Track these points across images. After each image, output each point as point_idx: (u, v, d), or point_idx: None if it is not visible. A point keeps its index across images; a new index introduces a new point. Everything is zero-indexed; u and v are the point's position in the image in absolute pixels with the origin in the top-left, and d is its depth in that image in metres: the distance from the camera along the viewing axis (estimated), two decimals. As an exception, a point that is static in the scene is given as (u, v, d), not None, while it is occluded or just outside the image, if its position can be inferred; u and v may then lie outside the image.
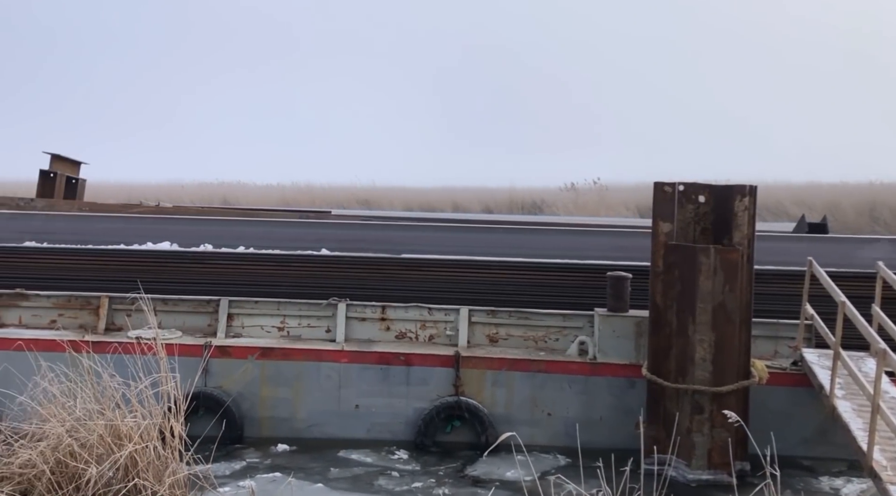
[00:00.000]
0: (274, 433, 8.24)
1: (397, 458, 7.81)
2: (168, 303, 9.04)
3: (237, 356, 8.39)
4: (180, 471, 5.02)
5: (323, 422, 8.32)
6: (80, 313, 9.06)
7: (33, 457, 5.09)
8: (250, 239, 11.33)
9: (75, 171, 17.79)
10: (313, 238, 11.94)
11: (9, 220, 12.26)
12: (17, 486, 5.05)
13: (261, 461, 7.57)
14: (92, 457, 5.06)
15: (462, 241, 12.20)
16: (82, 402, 5.51)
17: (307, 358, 8.41)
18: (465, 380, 8.30)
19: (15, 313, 9.02)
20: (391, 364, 8.37)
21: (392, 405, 8.31)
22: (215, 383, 8.24)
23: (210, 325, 9.00)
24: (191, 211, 16.46)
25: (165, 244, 11.18)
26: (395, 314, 9.03)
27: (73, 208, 14.99)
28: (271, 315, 9.05)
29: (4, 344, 7.92)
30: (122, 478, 5.11)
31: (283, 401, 8.33)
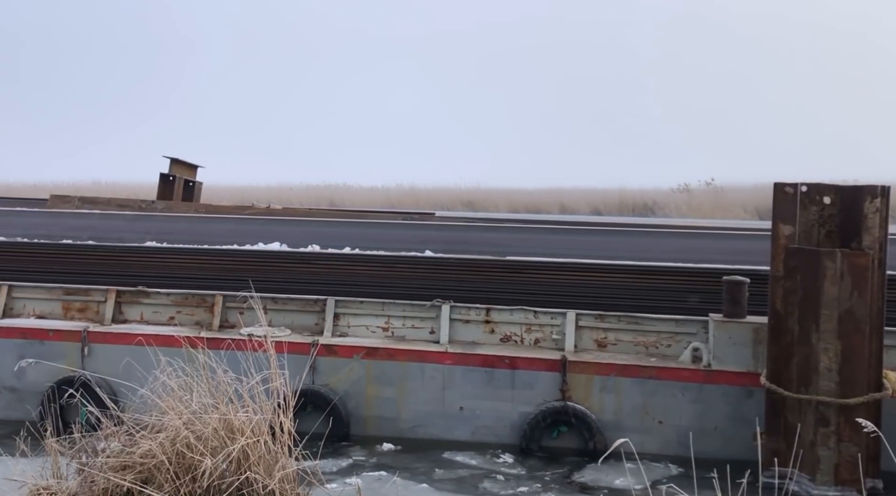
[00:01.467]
0: (379, 432, 8.42)
1: (502, 462, 7.81)
2: (278, 302, 9.38)
3: (343, 355, 8.62)
4: (290, 466, 5.17)
5: (427, 423, 8.43)
6: (197, 310, 9.53)
7: (153, 448, 5.34)
8: (356, 240, 11.63)
9: (192, 174, 18.74)
10: (417, 239, 12.12)
11: (132, 220, 13.08)
12: (139, 475, 5.32)
13: (367, 459, 7.75)
14: (207, 449, 5.29)
15: (569, 243, 12.07)
16: (198, 396, 5.76)
17: (411, 358, 8.54)
18: (572, 385, 8.21)
19: (137, 310, 9.59)
20: (496, 367, 8.38)
21: (497, 408, 8.32)
22: (322, 381, 8.50)
23: (317, 324, 9.28)
24: (299, 213, 17.05)
25: (275, 244, 11.64)
26: (500, 317, 9.03)
27: (190, 210, 15.82)
28: (376, 315, 9.24)
29: (127, 338, 8.46)
30: (234, 471, 5.30)
31: (388, 400, 8.49)
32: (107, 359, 8.53)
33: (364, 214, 16.96)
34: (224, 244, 11.11)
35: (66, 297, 9.65)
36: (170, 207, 16.13)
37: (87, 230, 11.77)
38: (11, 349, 8.82)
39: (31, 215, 13.57)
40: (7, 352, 8.81)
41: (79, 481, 4.93)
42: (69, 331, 9.00)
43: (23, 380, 8.83)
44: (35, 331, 9.05)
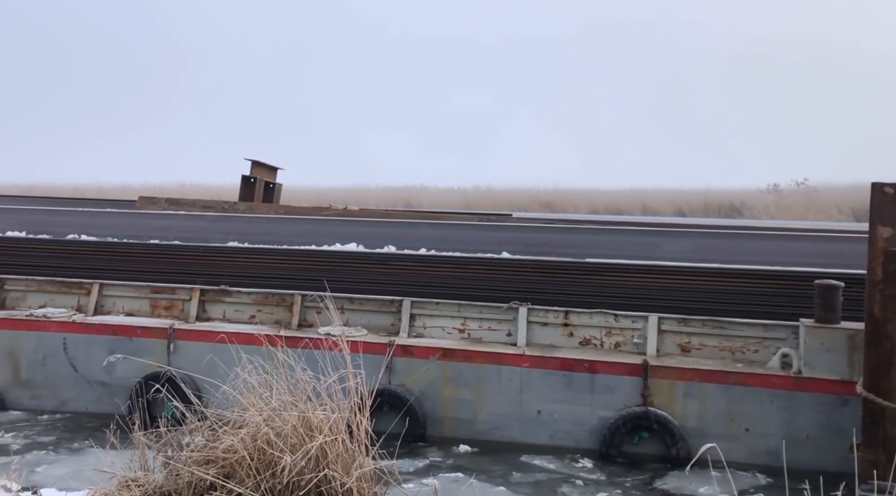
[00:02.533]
0: (456, 433, 8.45)
1: (581, 467, 7.73)
2: (354, 302, 9.52)
3: (419, 356, 8.68)
4: (367, 464, 5.22)
5: (504, 426, 8.41)
6: (276, 309, 9.77)
7: (235, 444, 5.47)
8: (432, 241, 11.71)
9: (272, 176, 19.23)
10: (494, 241, 12.11)
11: (215, 221, 13.52)
12: (221, 470, 5.47)
13: (443, 460, 7.79)
14: (286, 446, 5.40)
15: (651, 245, 11.85)
16: (277, 394, 5.89)
17: (488, 361, 8.53)
18: (653, 390, 8.05)
19: (219, 308, 9.90)
20: (574, 370, 8.29)
21: (575, 412, 8.23)
22: (399, 381, 8.59)
23: (393, 325, 9.37)
24: (375, 214, 17.27)
25: (352, 245, 11.83)
26: (579, 320, 8.93)
27: (270, 211, 16.24)
28: (452, 316, 9.27)
29: (209, 336, 8.75)
30: (313, 468, 5.39)
31: (465, 402, 8.51)
32: (191, 355, 8.85)
33: (440, 216, 17.05)
34: (302, 245, 11.36)
35: (154, 296, 10.04)
36: (251, 209, 16.59)
37: (172, 230, 12.23)
38: (102, 345, 9.25)
39: (120, 216, 14.19)
40: (98, 347, 9.24)
41: (164, 474, 5.10)
42: (156, 329, 9.37)
43: (112, 375, 9.24)
44: (124, 327, 9.46)
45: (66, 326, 9.50)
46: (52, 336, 9.47)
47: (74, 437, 8.48)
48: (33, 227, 12.13)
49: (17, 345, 9.54)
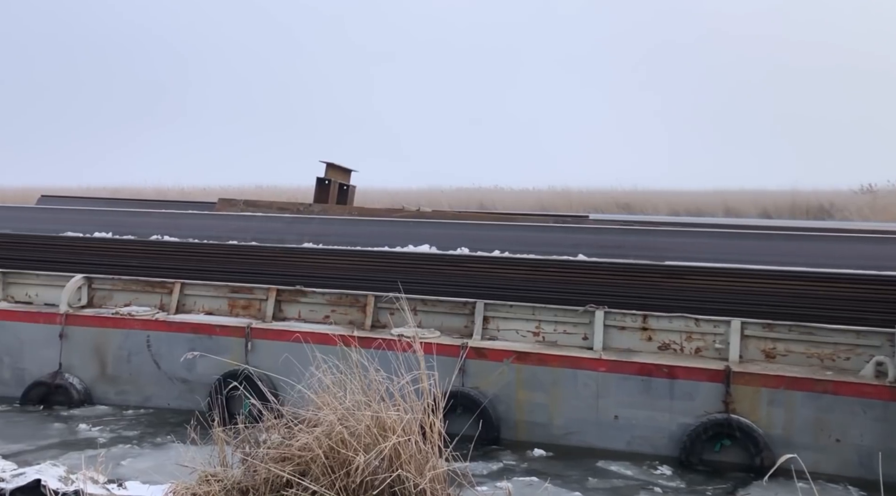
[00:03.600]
0: (530, 437, 8.41)
1: (660, 474, 7.59)
2: (427, 304, 9.59)
3: (493, 358, 8.68)
4: (440, 466, 5.25)
5: (580, 431, 8.33)
6: (350, 310, 9.92)
7: (310, 442, 5.58)
8: (505, 243, 11.67)
9: (346, 178, 19.52)
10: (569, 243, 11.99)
11: (291, 223, 13.81)
12: (297, 467, 5.59)
13: (517, 464, 7.77)
14: (360, 445, 5.49)
15: (734, 247, 11.54)
16: (351, 394, 5.98)
17: (563, 364, 8.47)
18: (736, 397, 7.83)
19: (295, 308, 10.11)
20: (653, 375, 8.14)
21: (654, 418, 8.09)
22: (472, 384, 8.61)
23: (466, 327, 9.40)
24: (448, 215, 17.32)
25: (425, 247, 11.91)
26: (658, 324, 8.77)
27: (344, 213, 16.50)
28: (526, 319, 9.23)
29: (285, 335, 8.97)
30: (386, 468, 5.45)
31: (540, 406, 8.46)
32: (268, 354, 9.08)
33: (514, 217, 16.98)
34: (376, 246, 11.50)
35: (232, 295, 10.34)
36: (325, 210, 16.88)
37: (250, 231, 12.56)
38: (183, 343, 9.58)
39: (200, 217, 14.65)
40: (180, 345, 9.57)
41: (242, 470, 5.24)
42: (234, 327, 9.65)
43: (193, 372, 9.58)
44: (204, 326, 9.78)
45: (149, 324, 9.89)
46: (137, 333, 9.88)
47: (157, 432, 8.82)
48: (119, 227, 12.66)
49: (104, 342, 9.99)
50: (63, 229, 12.46)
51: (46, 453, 7.85)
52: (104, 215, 13.82)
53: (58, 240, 12.04)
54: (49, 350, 10.05)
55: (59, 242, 11.98)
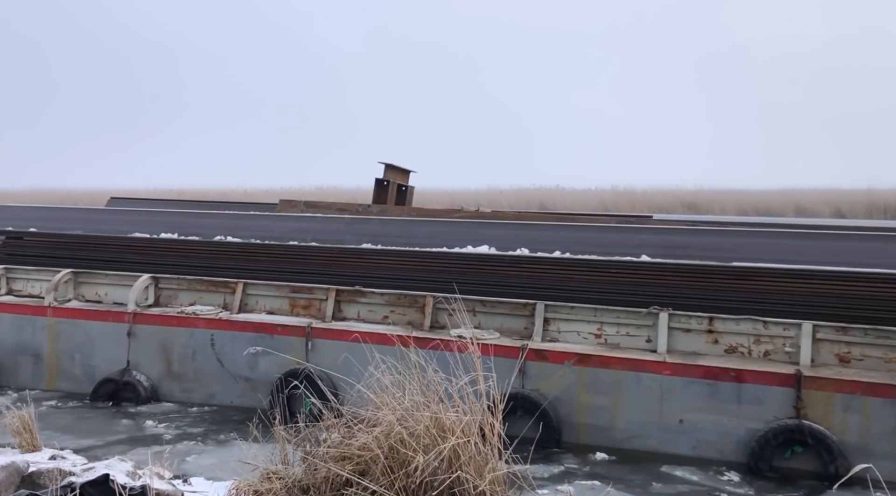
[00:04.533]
0: (592, 440, 8.33)
1: (727, 480, 7.42)
2: (486, 305, 9.57)
3: (553, 360, 8.61)
4: (500, 468, 5.23)
5: (644, 435, 8.21)
6: (408, 310, 9.97)
7: (369, 442, 5.63)
8: (566, 243, 11.57)
9: (405, 178, 19.63)
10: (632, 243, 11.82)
11: (350, 223, 13.95)
12: (357, 467, 5.64)
13: (579, 467, 7.70)
14: (419, 446, 5.51)
15: (805, 248, 11.22)
16: (410, 394, 6.01)
17: (626, 367, 8.35)
18: (808, 402, 7.60)
19: (354, 308, 10.22)
20: (720, 379, 7.97)
21: (720, 423, 7.91)
22: (532, 385, 8.56)
23: (526, 328, 9.34)
24: (508, 216, 17.26)
25: (484, 248, 11.89)
26: (725, 326, 8.57)
27: (402, 213, 16.60)
28: (588, 321, 9.13)
29: (345, 335, 9.07)
30: (446, 469, 5.45)
31: (602, 409, 8.37)
32: (327, 353, 9.20)
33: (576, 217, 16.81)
34: (434, 247, 11.53)
35: (293, 295, 10.51)
36: (384, 211, 17.01)
37: (310, 232, 12.75)
38: (246, 342, 9.78)
39: (262, 219, 14.93)
40: (242, 344, 9.78)
41: (303, 468, 5.31)
42: (295, 327, 9.81)
43: (255, 370, 9.77)
44: (265, 325, 9.96)
45: (213, 323, 10.13)
46: (201, 332, 10.12)
47: (220, 429, 9.02)
48: (185, 228, 13.00)
49: (170, 340, 10.27)
50: (131, 230, 12.86)
51: (115, 448, 8.12)
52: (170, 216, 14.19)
53: (126, 240, 12.43)
54: (118, 348, 10.39)
55: (128, 243, 12.37)
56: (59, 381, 10.74)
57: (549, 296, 9.45)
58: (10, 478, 5.19)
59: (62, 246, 12.46)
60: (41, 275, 11.52)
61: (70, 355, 10.69)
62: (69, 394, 10.49)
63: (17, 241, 12.89)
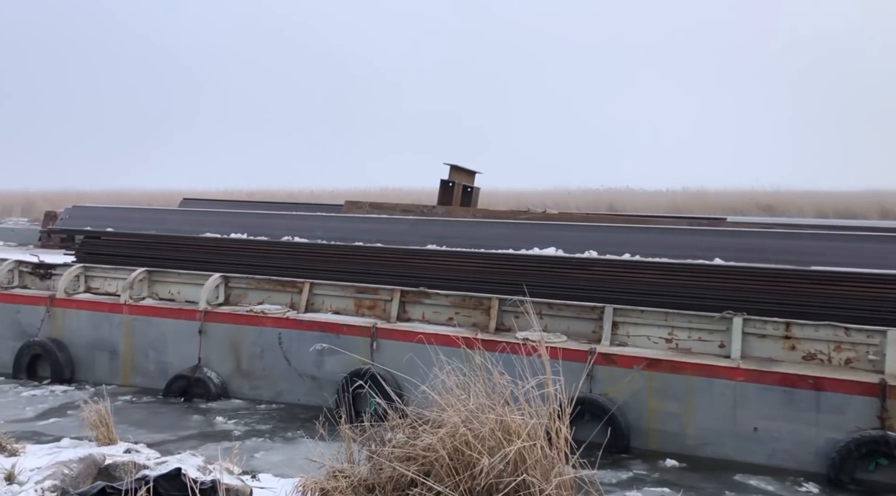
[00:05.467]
0: (662, 447, 8.20)
1: (805, 491, 7.21)
2: (553, 308, 9.51)
3: (622, 365, 8.50)
4: (566, 472, 5.19)
5: (716, 442, 8.03)
6: (473, 312, 9.98)
7: (434, 443, 5.64)
8: (636, 246, 11.35)
9: (471, 179, 19.61)
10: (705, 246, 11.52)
11: (414, 224, 14.00)
12: (421, 467, 5.67)
13: (648, 474, 7.58)
14: (484, 448, 5.50)
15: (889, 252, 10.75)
16: (475, 396, 6.00)
17: (698, 373, 8.18)
18: (893, 412, 7.31)
19: (419, 309, 10.28)
20: (797, 387, 7.73)
21: (798, 432, 7.68)
22: (600, 390, 8.46)
23: (594, 332, 9.24)
24: (576, 217, 17.04)
25: (551, 249, 11.76)
26: (803, 332, 8.32)
27: (468, 214, 16.59)
28: (658, 325, 8.99)
29: (409, 336, 9.14)
30: (511, 472, 5.43)
31: (672, 415, 8.22)
32: (392, 354, 9.28)
33: (646, 219, 16.51)
34: (500, 248, 11.47)
35: (358, 295, 10.64)
36: (449, 212, 17.01)
37: (375, 233, 12.83)
38: (312, 341, 9.93)
39: (328, 219, 15.11)
40: (309, 343, 9.94)
41: (369, 467, 5.37)
42: (360, 327, 9.93)
43: (321, 369, 9.93)
44: (331, 325, 10.11)
45: (280, 322, 10.33)
46: (269, 331, 10.34)
47: (288, 427, 9.20)
48: (253, 229, 13.25)
49: (239, 338, 10.52)
50: (203, 230, 13.19)
51: (186, 443, 8.36)
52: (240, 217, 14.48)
53: (198, 240, 12.77)
54: (189, 345, 10.70)
55: (199, 243, 12.71)
56: (133, 377, 11.13)
57: (617, 300, 9.34)
58: (87, 470, 5.40)
59: (137, 245, 12.90)
60: (117, 274, 11.95)
61: (144, 351, 11.06)
62: (143, 390, 10.86)
63: (95, 241, 13.40)
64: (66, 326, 11.53)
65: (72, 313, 11.53)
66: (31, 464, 5.59)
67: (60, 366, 11.31)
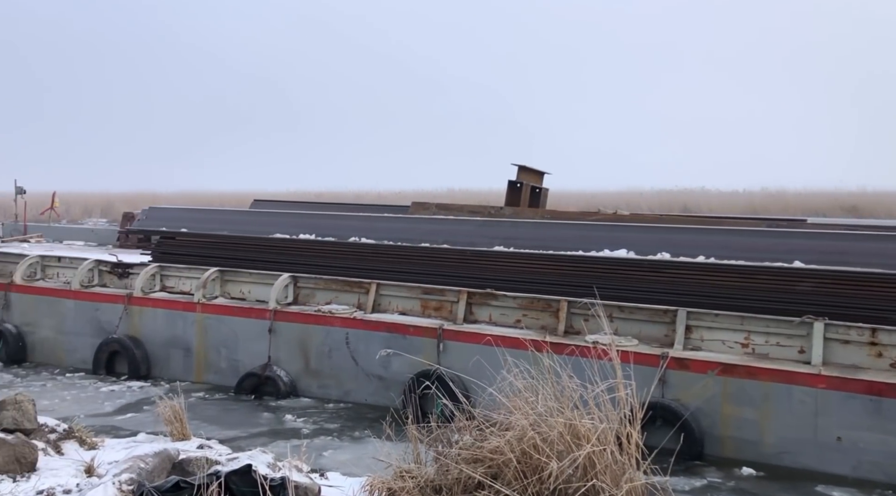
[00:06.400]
0: (737, 455, 8.01)
1: (895, 506, 6.92)
2: (624, 311, 9.37)
3: (696, 370, 8.32)
4: (637, 478, 5.11)
5: (796, 451, 7.80)
6: (542, 315, 9.92)
7: (501, 445, 5.62)
8: (710, 248, 11.09)
9: (539, 180, 19.49)
10: (784, 248, 11.18)
11: (481, 226, 13.99)
12: (489, 470, 5.65)
13: (723, 482, 7.42)
14: (552, 452, 5.46)
15: None
16: (543, 399, 5.96)
17: (776, 379, 7.96)
18: None
19: (486, 311, 10.27)
20: (884, 395, 7.44)
21: (887, 443, 7.40)
22: (672, 395, 8.30)
23: (667, 336, 9.07)
24: (648, 219, 16.77)
25: (622, 251, 11.59)
26: (891, 339, 8.00)
27: (535, 216, 16.49)
28: (734, 330, 8.77)
29: (476, 338, 9.15)
30: (580, 477, 5.37)
31: (749, 422, 8.01)
32: (459, 355, 9.30)
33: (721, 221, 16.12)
34: (569, 250, 11.36)
35: (424, 296, 10.70)
36: (517, 213, 16.93)
37: (442, 234, 12.87)
38: (379, 341, 10.05)
39: (395, 220, 15.23)
40: (376, 343, 10.05)
41: (435, 468, 5.39)
42: (426, 328, 9.98)
43: (388, 370, 10.02)
44: (398, 326, 10.19)
45: (348, 322, 10.47)
46: (337, 331, 10.49)
47: (355, 426, 9.32)
48: (321, 230, 13.46)
49: (308, 337, 10.71)
50: (272, 231, 13.47)
51: (256, 440, 8.55)
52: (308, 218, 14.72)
53: (268, 241, 13.05)
54: (259, 343, 10.94)
55: (269, 243, 12.98)
56: (206, 374, 11.44)
57: (691, 303, 9.15)
58: (162, 464, 5.57)
59: (210, 245, 13.26)
60: (191, 273, 12.31)
61: (216, 349, 11.36)
62: (215, 386, 11.16)
63: (170, 241, 13.83)
64: (143, 324, 11.94)
65: (148, 311, 11.93)
66: (109, 458, 5.79)
67: (137, 362, 11.71)
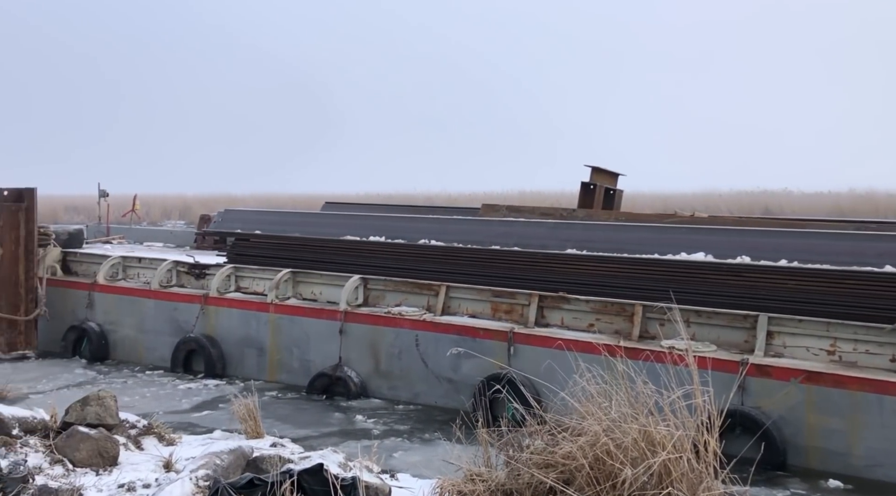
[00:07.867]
0: (823, 466, 7.78)
1: None
2: (702, 315, 9.18)
3: (777, 377, 8.10)
4: (715, 488, 5.00)
5: (889, 464, 7.52)
6: (616, 319, 9.80)
7: (574, 451, 5.58)
8: (793, 251, 10.78)
9: (613, 182, 19.25)
10: (873, 252, 10.78)
11: (553, 228, 13.90)
12: (560, 475, 5.62)
13: (808, 493, 7.23)
14: (626, 458, 5.39)
15: None
16: (616, 405, 5.89)
17: (866, 388, 7.68)
18: None
19: (557, 314, 10.20)
20: (982, 408, 7.09)
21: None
22: (752, 403, 8.10)
23: (747, 341, 8.86)
24: (727, 221, 16.37)
25: (699, 255, 11.35)
26: None
27: (609, 218, 16.29)
28: (819, 336, 8.50)
29: (548, 341, 9.09)
30: (655, 485, 5.29)
31: (836, 432, 7.76)
32: (530, 359, 9.26)
33: (805, 223, 15.64)
34: (644, 253, 11.19)
35: (494, 299, 10.69)
36: (590, 215, 16.74)
37: (512, 237, 12.84)
38: (448, 343, 10.09)
39: (465, 223, 15.27)
40: (445, 345, 10.10)
41: (506, 472, 5.38)
42: (497, 331, 9.97)
43: (458, 372, 10.05)
44: (468, 328, 10.22)
45: (417, 324, 10.55)
46: (406, 333, 10.58)
47: (425, 428, 9.38)
48: (391, 232, 13.60)
49: (378, 339, 10.83)
50: (343, 233, 13.67)
51: (328, 440, 8.70)
52: (378, 220, 14.91)
53: (339, 242, 13.26)
54: (330, 344, 11.13)
55: (340, 245, 13.19)
56: (279, 373, 11.70)
57: (772, 309, 8.92)
58: (237, 462, 5.72)
59: (283, 247, 13.55)
60: (264, 274, 12.61)
61: (289, 349, 11.61)
62: (287, 386, 11.40)
63: (245, 243, 14.19)
64: (218, 324, 12.29)
65: (223, 311, 12.28)
66: (186, 454, 5.99)
67: (213, 361, 12.06)
